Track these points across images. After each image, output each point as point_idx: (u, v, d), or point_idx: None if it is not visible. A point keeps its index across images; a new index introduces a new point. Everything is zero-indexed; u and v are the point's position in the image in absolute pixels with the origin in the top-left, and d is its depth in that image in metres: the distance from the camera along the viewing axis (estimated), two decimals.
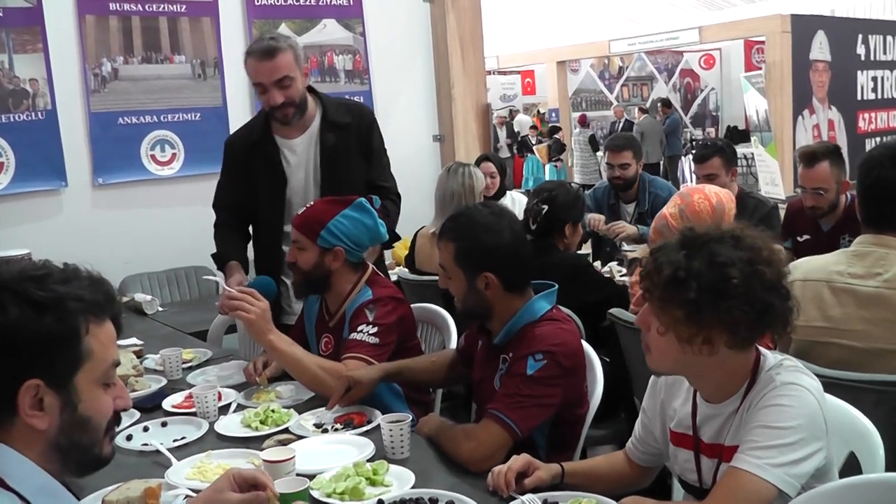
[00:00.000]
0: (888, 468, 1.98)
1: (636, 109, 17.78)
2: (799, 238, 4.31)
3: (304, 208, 3.17)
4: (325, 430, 2.63)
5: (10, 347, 1.43)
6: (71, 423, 1.50)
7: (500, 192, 5.77)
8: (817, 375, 1.99)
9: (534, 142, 17.48)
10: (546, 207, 4.00)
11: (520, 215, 4.06)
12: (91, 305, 1.51)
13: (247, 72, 3.62)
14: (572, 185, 4.34)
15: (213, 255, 3.78)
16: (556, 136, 17.21)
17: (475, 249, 2.57)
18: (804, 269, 2.87)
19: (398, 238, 3.96)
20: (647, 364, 2.06)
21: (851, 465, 2.08)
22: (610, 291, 3.91)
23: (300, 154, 3.71)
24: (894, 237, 2.72)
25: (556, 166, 16.75)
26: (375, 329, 2.95)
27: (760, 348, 2.00)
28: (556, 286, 2.66)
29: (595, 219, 5.25)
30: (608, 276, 4.78)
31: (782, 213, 4.95)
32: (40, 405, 1.46)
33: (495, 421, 2.39)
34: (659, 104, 17.60)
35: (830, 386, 2.22)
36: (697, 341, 1.88)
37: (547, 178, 16.12)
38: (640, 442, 2.30)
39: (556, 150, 16.89)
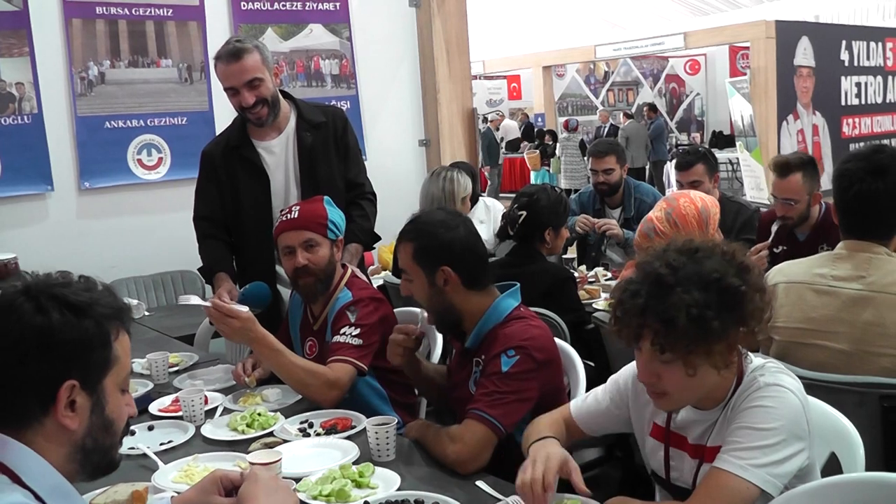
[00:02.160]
0: (868, 469, 2.00)
1: (621, 114, 17.82)
2: (775, 249, 4.28)
3: (294, 214, 3.12)
4: (308, 435, 2.64)
5: (55, 348, 1.49)
6: (98, 424, 1.56)
7: (473, 200, 5.77)
8: (801, 377, 2.01)
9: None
10: (524, 213, 3.98)
11: (496, 220, 4.04)
12: (118, 312, 1.59)
13: (218, 78, 3.64)
14: (555, 188, 4.33)
15: (200, 269, 3.78)
16: (545, 140, 17.25)
17: (431, 245, 2.62)
18: (787, 272, 2.90)
19: (378, 238, 3.97)
20: (659, 407, 2.04)
21: (832, 466, 2.10)
22: (576, 317, 3.83)
23: (278, 154, 3.73)
24: (878, 244, 2.74)
25: (547, 170, 16.81)
26: (358, 330, 2.97)
27: (743, 350, 2.02)
28: (518, 284, 2.70)
29: (583, 220, 5.26)
30: (592, 279, 4.80)
31: None
32: (72, 406, 1.51)
33: (478, 420, 2.40)
34: (645, 108, 17.65)
35: (813, 387, 2.25)
36: (733, 357, 1.91)
37: (533, 182, 16.15)
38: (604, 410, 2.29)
39: (550, 154, 16.94)
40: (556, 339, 2.71)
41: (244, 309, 2.88)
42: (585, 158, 14.76)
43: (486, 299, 2.63)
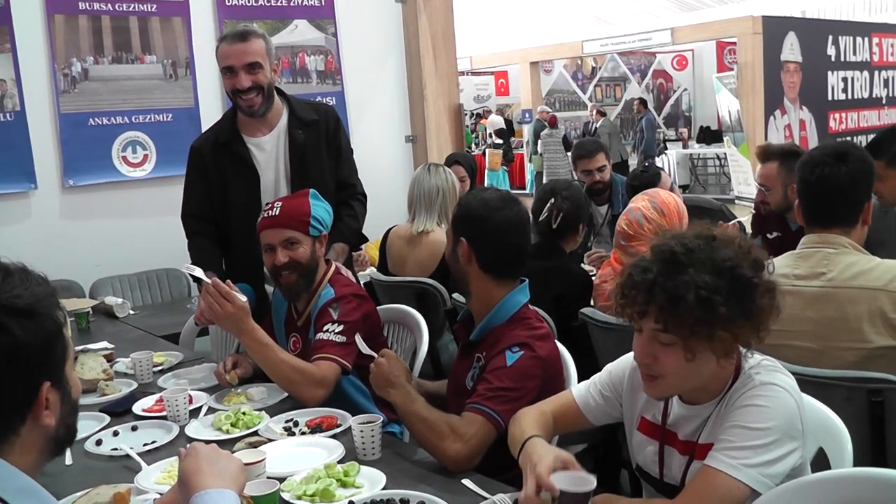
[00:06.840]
0: (856, 464, 1.99)
1: (595, 112, 17.66)
2: (769, 235, 4.34)
3: (276, 211, 3.08)
4: (293, 434, 2.61)
5: (26, 361, 1.44)
6: (68, 411, 1.54)
7: None
8: (791, 371, 2.00)
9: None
10: (567, 206, 3.97)
11: None
12: (53, 295, 1.53)
13: (217, 60, 3.59)
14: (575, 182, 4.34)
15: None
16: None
17: (463, 214, 2.65)
18: None
19: (365, 239, 3.94)
20: (649, 393, 2.02)
21: (820, 461, 2.09)
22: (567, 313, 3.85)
23: (269, 151, 3.69)
24: (839, 234, 2.76)
25: (506, 170, 16.83)
26: (341, 327, 2.94)
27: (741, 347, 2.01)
28: (527, 280, 2.68)
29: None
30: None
31: (739, 212, 5.02)
32: (46, 404, 1.48)
33: (483, 416, 2.37)
34: (635, 102, 17.72)
35: (801, 382, 2.23)
36: (734, 349, 1.90)
37: (487, 183, 16.12)
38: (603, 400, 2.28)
39: (510, 159, 16.97)
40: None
41: (243, 298, 2.86)
42: (568, 154, 14.81)
43: (500, 291, 2.60)
